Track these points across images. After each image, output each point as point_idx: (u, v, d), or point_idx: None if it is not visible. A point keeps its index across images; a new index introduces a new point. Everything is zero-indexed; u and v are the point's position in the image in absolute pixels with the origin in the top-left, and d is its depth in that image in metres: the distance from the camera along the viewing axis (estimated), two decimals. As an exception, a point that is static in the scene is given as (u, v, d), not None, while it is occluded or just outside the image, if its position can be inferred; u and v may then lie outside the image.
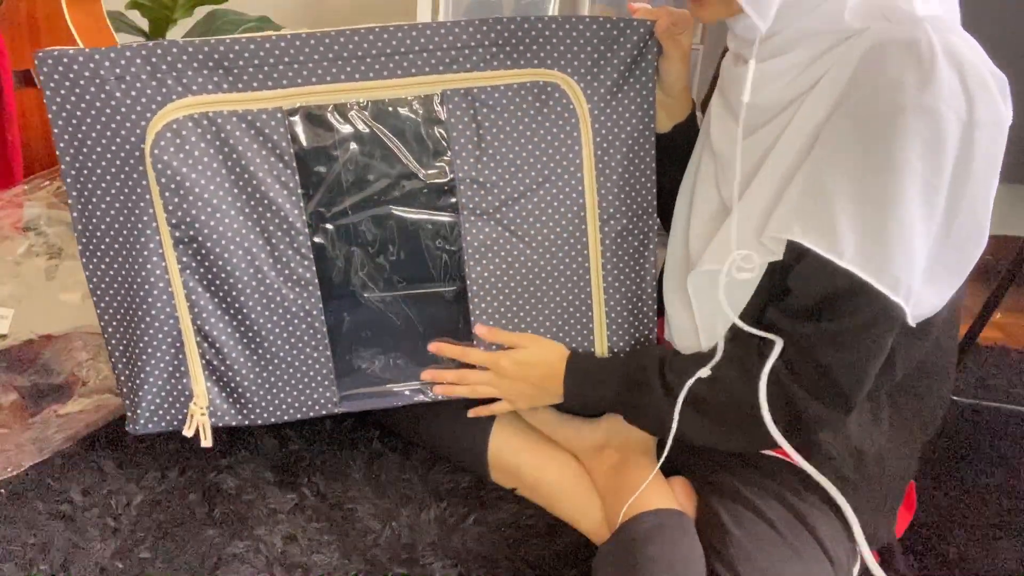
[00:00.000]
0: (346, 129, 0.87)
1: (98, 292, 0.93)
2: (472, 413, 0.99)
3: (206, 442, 0.96)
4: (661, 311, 1.02)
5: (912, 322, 0.72)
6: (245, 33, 0.87)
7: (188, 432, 0.96)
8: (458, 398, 0.97)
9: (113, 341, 0.96)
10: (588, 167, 0.90)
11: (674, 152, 0.94)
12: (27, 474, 1.03)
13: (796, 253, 0.73)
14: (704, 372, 0.81)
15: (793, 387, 0.76)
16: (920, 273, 0.70)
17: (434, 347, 0.96)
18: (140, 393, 0.96)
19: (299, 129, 0.87)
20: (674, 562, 0.77)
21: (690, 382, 0.81)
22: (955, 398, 1.30)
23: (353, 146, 0.88)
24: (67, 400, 1.16)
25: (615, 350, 0.97)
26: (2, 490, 1.01)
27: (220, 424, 0.97)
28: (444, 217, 0.91)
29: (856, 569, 0.85)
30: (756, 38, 0.75)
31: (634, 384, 0.87)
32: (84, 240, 0.91)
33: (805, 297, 0.74)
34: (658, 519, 0.83)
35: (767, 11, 0.71)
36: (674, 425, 0.82)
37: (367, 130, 0.88)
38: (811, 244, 0.70)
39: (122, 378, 0.97)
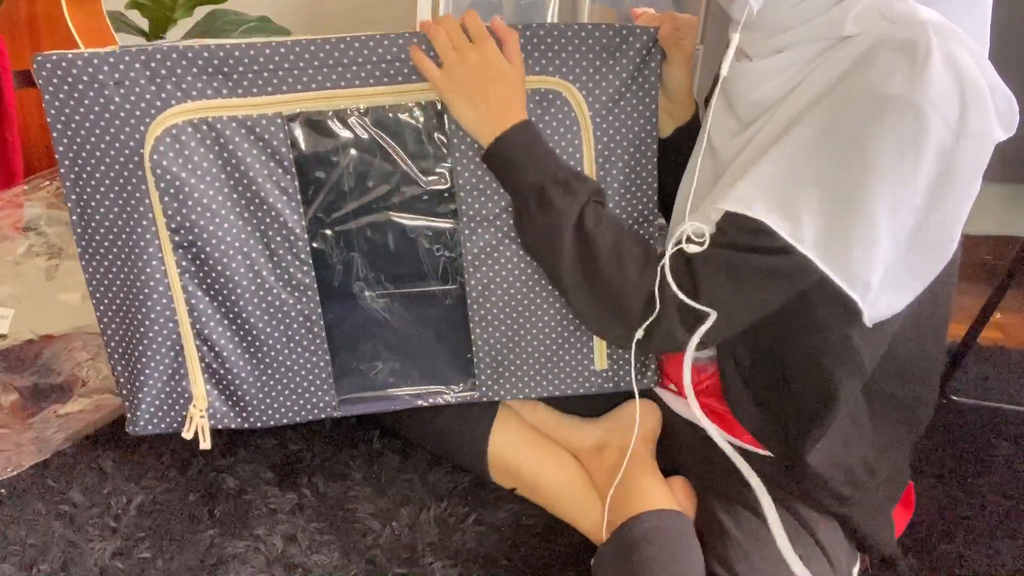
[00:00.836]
0: (346, 135, 0.87)
1: (97, 295, 0.93)
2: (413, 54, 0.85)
3: (205, 444, 0.96)
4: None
5: (869, 323, 0.71)
6: (245, 34, 0.87)
7: (187, 434, 0.96)
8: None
9: (112, 343, 0.96)
10: (589, 174, 0.89)
11: (678, 155, 0.94)
12: (27, 474, 1.03)
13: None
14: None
15: (670, 293, 0.75)
16: (880, 272, 0.68)
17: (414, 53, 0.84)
18: (140, 395, 0.96)
19: (299, 135, 0.87)
20: (673, 563, 0.77)
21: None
22: (955, 398, 1.30)
23: (353, 152, 0.88)
24: (67, 400, 1.16)
25: (614, 356, 0.96)
26: (2, 490, 1.01)
27: (219, 426, 0.98)
28: (444, 223, 0.91)
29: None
30: (743, 17, 0.74)
31: (560, 190, 0.81)
32: (83, 243, 0.91)
33: (733, 234, 0.73)
34: (658, 519, 0.83)
35: None
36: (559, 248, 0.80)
37: (367, 136, 0.88)
38: (773, 225, 0.69)
39: (121, 380, 0.97)
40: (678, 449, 0.95)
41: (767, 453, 0.86)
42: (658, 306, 0.76)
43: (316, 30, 1.84)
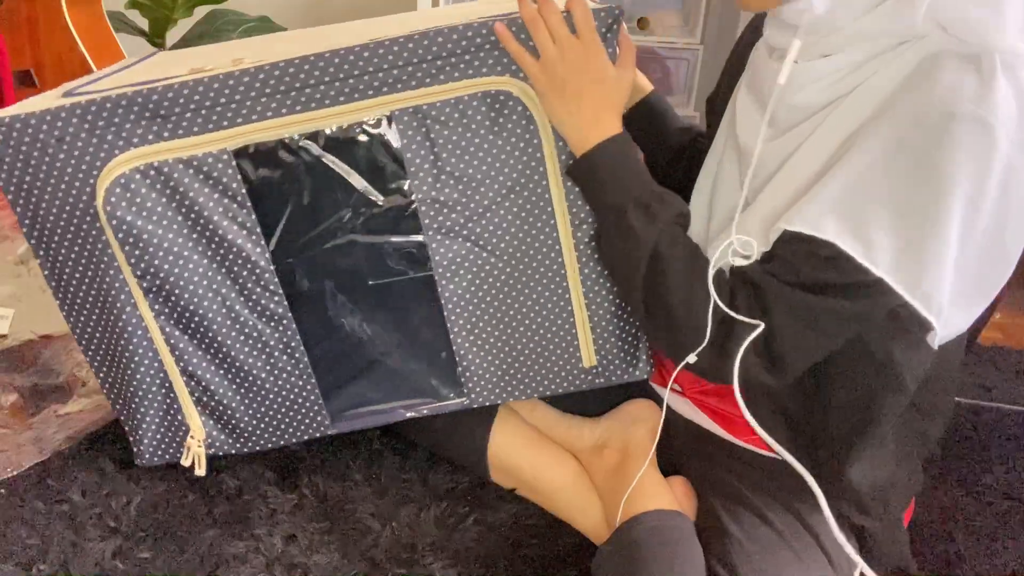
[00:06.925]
0: (297, 162, 0.85)
1: (83, 341, 0.95)
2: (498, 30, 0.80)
3: (200, 471, 0.97)
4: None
5: (936, 344, 0.70)
6: (245, 34, 0.86)
7: (185, 462, 0.97)
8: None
9: (107, 384, 0.97)
10: (552, 172, 0.87)
11: (637, 137, 0.91)
12: (27, 474, 1.03)
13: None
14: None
15: (745, 338, 0.72)
16: (949, 292, 0.67)
17: (500, 27, 0.80)
18: (140, 431, 0.98)
19: (248, 168, 0.85)
20: (673, 563, 0.77)
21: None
22: (955, 398, 1.30)
23: (307, 179, 0.86)
24: (67, 400, 1.16)
25: (602, 353, 0.95)
26: (2, 490, 1.01)
27: (220, 453, 0.99)
28: (411, 238, 0.89)
29: (857, 572, 0.85)
30: (803, 22, 0.70)
31: (641, 212, 0.78)
32: (60, 296, 0.92)
33: (805, 272, 0.70)
34: (658, 520, 0.83)
35: None
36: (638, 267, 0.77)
37: (319, 161, 0.85)
38: (846, 247, 0.66)
39: (122, 417, 0.99)
40: (678, 449, 0.95)
41: (769, 454, 0.86)
42: (727, 338, 0.73)
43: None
